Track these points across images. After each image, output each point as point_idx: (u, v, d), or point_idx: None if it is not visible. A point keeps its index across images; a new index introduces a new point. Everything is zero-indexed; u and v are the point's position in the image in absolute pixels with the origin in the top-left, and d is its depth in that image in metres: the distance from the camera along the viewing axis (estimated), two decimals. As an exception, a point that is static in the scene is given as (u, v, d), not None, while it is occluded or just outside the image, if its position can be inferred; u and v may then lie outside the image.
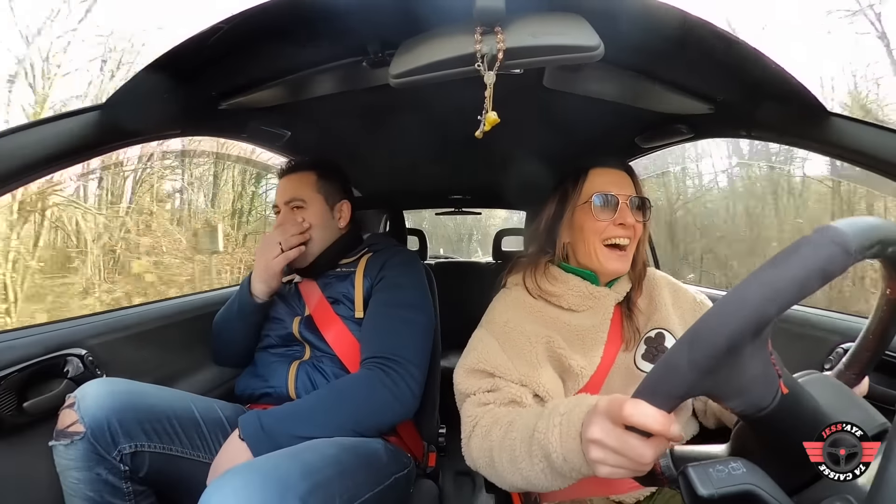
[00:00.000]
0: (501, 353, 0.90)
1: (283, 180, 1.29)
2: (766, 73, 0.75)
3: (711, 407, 0.94)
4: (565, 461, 0.63)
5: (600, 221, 0.94)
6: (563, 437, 0.64)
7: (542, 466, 0.68)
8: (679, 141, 1.28)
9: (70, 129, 0.78)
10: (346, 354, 1.14)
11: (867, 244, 0.41)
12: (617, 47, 0.70)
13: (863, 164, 0.79)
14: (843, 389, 0.54)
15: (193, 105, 0.97)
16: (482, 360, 0.90)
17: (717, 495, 0.42)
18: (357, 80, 0.95)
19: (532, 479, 0.70)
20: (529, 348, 0.90)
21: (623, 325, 0.98)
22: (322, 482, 0.77)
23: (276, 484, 0.70)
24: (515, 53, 0.67)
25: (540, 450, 0.67)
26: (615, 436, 0.50)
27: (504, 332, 0.93)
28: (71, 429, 0.82)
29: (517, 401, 0.85)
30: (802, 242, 0.41)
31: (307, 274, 1.27)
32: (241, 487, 0.67)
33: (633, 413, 0.47)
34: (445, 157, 1.85)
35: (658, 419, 0.46)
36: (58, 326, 1.02)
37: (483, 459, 0.80)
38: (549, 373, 0.90)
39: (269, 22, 0.73)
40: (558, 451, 0.63)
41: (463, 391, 0.91)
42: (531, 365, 0.88)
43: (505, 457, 0.74)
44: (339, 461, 0.85)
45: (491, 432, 0.79)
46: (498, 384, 0.87)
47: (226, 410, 1.07)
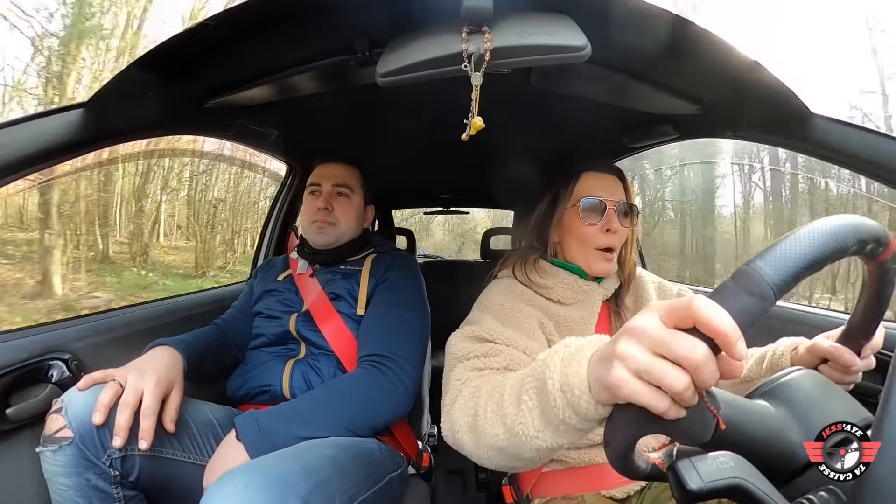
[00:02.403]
0: (502, 326, 0.88)
1: (330, 166, 1.34)
2: (752, 75, 0.76)
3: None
4: (562, 391, 0.50)
5: (587, 226, 0.96)
6: (566, 361, 0.51)
7: (530, 406, 0.56)
8: (666, 141, 1.30)
9: (53, 127, 0.76)
10: (342, 351, 1.14)
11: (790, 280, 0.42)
12: (604, 47, 0.70)
13: (845, 165, 0.81)
14: (827, 386, 0.55)
15: (179, 103, 0.96)
16: (483, 330, 0.85)
17: (706, 489, 0.43)
18: (344, 79, 0.94)
19: (515, 427, 0.57)
20: (529, 324, 0.90)
21: (611, 322, 1.00)
22: (322, 482, 0.78)
23: (277, 484, 0.70)
24: (502, 53, 0.67)
25: (533, 381, 0.56)
26: (664, 329, 0.40)
27: (501, 312, 0.92)
28: (58, 434, 0.80)
29: (514, 368, 0.78)
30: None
31: (319, 260, 1.30)
32: (243, 488, 0.67)
33: (705, 305, 0.38)
34: (433, 156, 1.85)
35: (732, 324, 0.37)
36: (41, 330, 1.00)
37: (465, 420, 0.70)
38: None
39: (256, 19, 0.72)
40: (556, 376, 0.51)
41: (455, 354, 0.84)
42: (534, 339, 0.89)
43: (491, 406, 0.64)
44: (337, 461, 0.85)
45: (480, 391, 0.71)
46: (498, 349, 0.82)
47: (216, 412, 1.05)
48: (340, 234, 1.28)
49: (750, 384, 0.83)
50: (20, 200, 6.92)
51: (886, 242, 0.48)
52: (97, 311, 1.19)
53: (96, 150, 0.88)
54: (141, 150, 7.77)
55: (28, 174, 0.77)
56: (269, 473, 0.72)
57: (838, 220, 0.46)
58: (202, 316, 1.36)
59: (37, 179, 5.73)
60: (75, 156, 0.83)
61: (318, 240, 1.27)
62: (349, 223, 1.30)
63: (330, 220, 1.27)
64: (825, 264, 0.44)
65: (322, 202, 1.27)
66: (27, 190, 6.28)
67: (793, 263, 0.42)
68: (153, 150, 8.19)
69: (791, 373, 0.55)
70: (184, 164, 9.53)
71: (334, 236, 1.28)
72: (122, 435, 0.81)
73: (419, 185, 2.60)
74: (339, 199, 1.29)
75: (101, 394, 0.83)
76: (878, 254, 0.49)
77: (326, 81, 0.96)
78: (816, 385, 0.53)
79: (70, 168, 6.56)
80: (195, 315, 1.39)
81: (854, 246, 0.46)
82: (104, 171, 7.80)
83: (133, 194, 8.62)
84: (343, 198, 1.30)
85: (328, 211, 1.27)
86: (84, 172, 7.24)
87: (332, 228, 1.27)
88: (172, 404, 0.90)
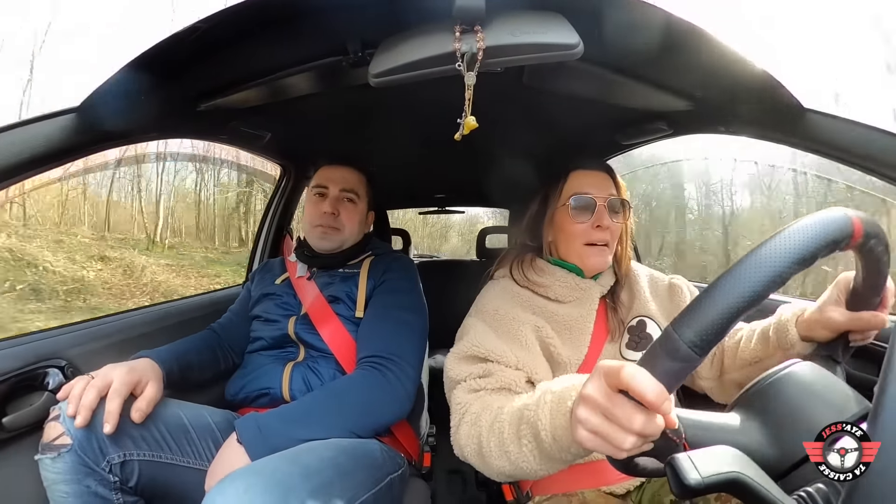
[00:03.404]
0: (496, 337, 0.90)
1: (337, 168, 1.31)
2: (745, 71, 0.76)
3: (730, 378, 0.92)
4: (554, 440, 0.60)
5: (578, 224, 0.96)
6: (553, 413, 0.61)
7: (530, 448, 0.65)
8: (659, 138, 1.30)
9: (45, 132, 0.76)
10: (342, 353, 1.14)
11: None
12: (596, 45, 0.71)
13: (838, 159, 0.81)
14: (823, 377, 0.55)
15: (172, 106, 0.95)
16: (476, 345, 0.88)
17: (704, 483, 0.43)
18: (337, 80, 0.94)
19: (520, 464, 0.68)
20: (522, 332, 0.91)
21: (608, 318, 1.00)
22: (323, 484, 0.78)
23: (277, 486, 0.70)
24: (495, 52, 0.67)
25: (529, 429, 0.65)
26: (607, 395, 0.47)
27: (495, 319, 0.93)
28: (57, 441, 0.80)
29: (509, 387, 0.84)
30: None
31: (318, 264, 1.28)
32: (244, 491, 0.67)
33: (632, 374, 0.44)
34: (427, 156, 1.85)
35: (655, 389, 0.44)
36: (36, 337, 0.99)
37: (471, 447, 0.77)
38: (542, 359, 0.91)
39: (248, 22, 0.72)
40: (547, 428, 0.61)
41: (453, 378, 0.89)
42: (526, 348, 0.89)
43: (493, 441, 0.72)
44: (337, 463, 0.85)
45: (480, 418, 0.77)
46: (491, 369, 0.86)
47: (215, 416, 1.05)
48: (344, 239, 1.27)
49: (760, 364, 0.83)
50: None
51: (850, 234, 0.47)
52: (92, 318, 1.18)
53: (89, 155, 0.87)
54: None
55: (20, 181, 0.76)
56: (270, 476, 0.72)
57: (759, 258, 0.44)
58: (197, 320, 1.35)
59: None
60: (67, 161, 0.83)
61: (321, 245, 1.26)
62: (353, 229, 1.29)
63: (335, 225, 1.25)
64: (758, 303, 0.44)
65: (328, 206, 1.24)
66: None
67: (713, 322, 0.44)
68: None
69: (767, 378, 0.55)
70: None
71: (338, 242, 1.27)
72: (83, 413, 0.80)
73: (413, 185, 2.60)
74: (346, 205, 1.28)
75: (74, 387, 0.83)
76: (846, 246, 0.49)
77: (319, 82, 0.96)
78: (797, 388, 0.53)
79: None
80: (190, 320, 1.38)
81: (796, 267, 0.44)
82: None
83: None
84: (350, 203, 1.28)
85: (334, 216, 1.25)
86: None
87: (337, 234, 1.25)
88: (144, 396, 0.88)
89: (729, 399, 0.59)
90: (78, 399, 0.81)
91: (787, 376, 0.54)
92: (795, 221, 0.47)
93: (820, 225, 0.46)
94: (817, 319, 0.73)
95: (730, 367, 0.91)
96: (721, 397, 0.96)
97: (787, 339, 0.78)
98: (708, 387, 0.97)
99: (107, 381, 0.84)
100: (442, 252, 14.78)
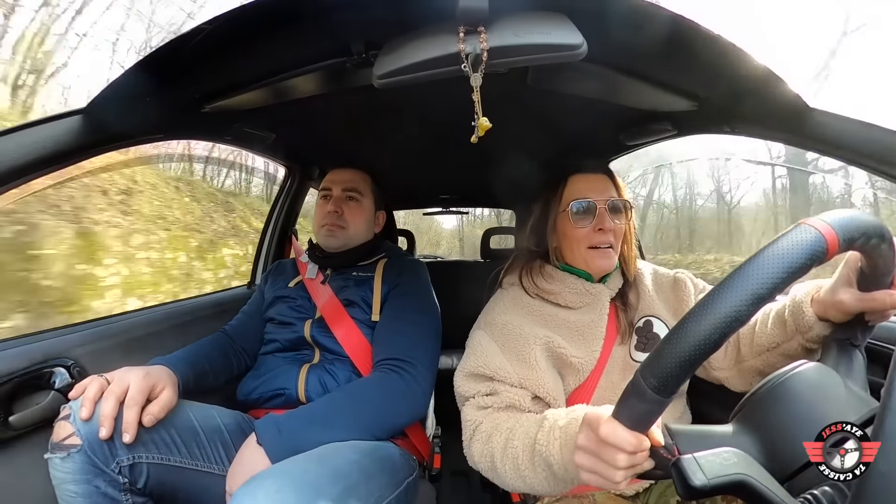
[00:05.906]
0: (501, 355, 0.91)
1: (340, 171, 1.38)
2: (749, 70, 0.76)
3: (749, 365, 0.89)
4: (566, 471, 0.68)
5: (580, 228, 0.96)
6: (563, 448, 0.68)
7: (545, 475, 0.72)
8: (663, 138, 1.29)
9: (52, 133, 0.77)
10: (357, 356, 1.15)
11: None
12: (600, 45, 0.70)
13: (844, 158, 0.80)
14: (831, 378, 0.55)
15: (177, 108, 0.96)
16: (482, 365, 0.91)
17: (710, 485, 0.43)
18: (341, 81, 0.94)
19: (535, 486, 0.75)
20: (528, 350, 0.91)
21: (618, 320, 1.00)
22: (350, 486, 0.79)
23: (308, 488, 0.70)
24: (499, 53, 0.67)
25: (542, 461, 0.71)
26: (596, 443, 0.54)
27: (503, 334, 0.94)
28: (67, 441, 0.80)
29: (514, 405, 0.87)
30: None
31: (331, 264, 1.31)
32: (275, 492, 0.67)
33: (608, 435, 0.52)
34: (432, 157, 1.85)
35: (629, 441, 0.50)
36: (42, 337, 1.00)
37: (485, 463, 0.83)
38: (550, 373, 0.91)
39: (252, 23, 0.72)
40: (559, 462, 0.68)
41: (462, 394, 0.94)
42: (530, 367, 0.89)
43: (508, 465, 0.78)
44: (362, 465, 0.86)
45: (492, 438, 0.82)
46: (496, 388, 0.89)
47: (225, 418, 1.04)
48: (349, 237, 1.31)
49: (779, 350, 0.81)
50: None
51: (823, 250, 0.44)
52: (99, 318, 1.19)
53: (96, 156, 0.87)
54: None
55: (29, 181, 0.77)
56: (299, 477, 0.72)
57: (718, 299, 0.43)
58: (203, 320, 1.36)
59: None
60: (75, 162, 0.84)
61: (328, 243, 1.30)
62: (358, 227, 1.32)
63: (339, 223, 1.29)
64: (721, 344, 0.43)
65: (332, 206, 1.30)
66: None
67: (672, 368, 0.45)
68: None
69: (763, 386, 0.54)
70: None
71: (343, 239, 1.30)
72: (106, 425, 0.80)
73: (418, 186, 2.60)
74: (349, 204, 1.32)
75: (87, 388, 0.83)
76: (825, 259, 0.45)
77: (323, 84, 0.96)
78: (797, 394, 0.53)
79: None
80: (196, 319, 1.39)
81: (761, 303, 0.42)
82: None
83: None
84: (353, 202, 1.33)
85: (338, 214, 1.29)
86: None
87: (342, 232, 1.29)
88: (159, 401, 0.88)
89: (748, 387, 0.58)
90: (91, 402, 0.81)
91: (789, 381, 0.53)
92: (757, 253, 0.44)
93: (778, 255, 0.43)
94: (829, 301, 0.69)
95: (747, 355, 0.88)
96: (740, 386, 0.92)
97: (803, 320, 0.74)
98: (724, 377, 0.94)
99: (123, 388, 0.84)
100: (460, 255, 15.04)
